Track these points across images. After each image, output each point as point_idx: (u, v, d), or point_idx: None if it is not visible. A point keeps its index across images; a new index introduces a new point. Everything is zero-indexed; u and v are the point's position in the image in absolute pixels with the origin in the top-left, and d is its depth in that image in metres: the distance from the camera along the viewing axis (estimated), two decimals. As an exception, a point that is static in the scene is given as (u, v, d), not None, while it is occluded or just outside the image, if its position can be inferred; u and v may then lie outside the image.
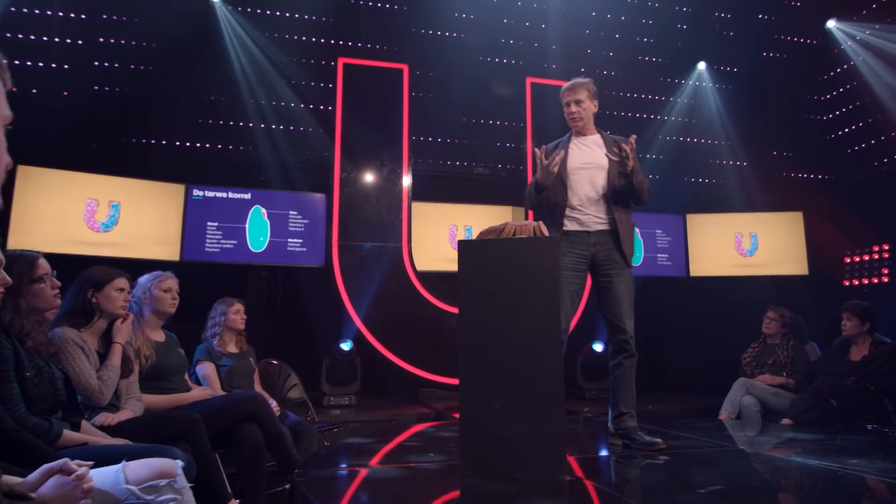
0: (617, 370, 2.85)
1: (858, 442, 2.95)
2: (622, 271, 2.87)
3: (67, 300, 2.51)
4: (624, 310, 2.84)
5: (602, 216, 2.92)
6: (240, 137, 5.96)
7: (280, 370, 4.15)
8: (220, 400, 2.92)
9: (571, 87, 3.03)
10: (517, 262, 2.34)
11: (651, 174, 6.85)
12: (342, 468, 2.48)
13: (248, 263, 5.69)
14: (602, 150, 3.00)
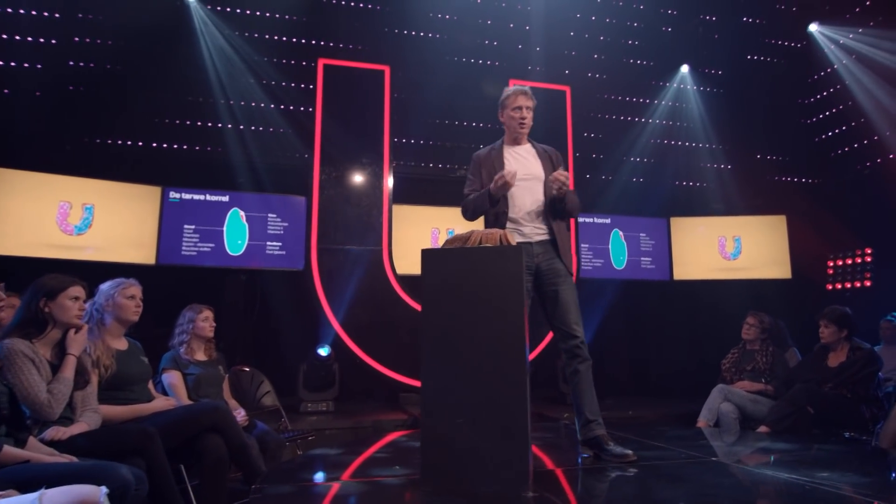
0: (574, 377, 2.79)
1: (833, 452, 2.91)
2: (566, 279, 2.87)
3: (19, 310, 2.43)
4: (572, 316, 2.82)
5: (542, 227, 2.93)
6: (218, 139, 5.87)
7: (252, 377, 4.08)
8: (182, 411, 2.84)
9: (527, 92, 3.03)
10: (481, 271, 2.29)
11: (634, 177, 6.84)
12: (302, 483, 2.41)
13: (225, 267, 5.61)
14: (537, 161, 3.01)
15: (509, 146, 3.07)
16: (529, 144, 3.09)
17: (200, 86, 5.77)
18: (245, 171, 5.92)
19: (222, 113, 5.84)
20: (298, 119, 5.99)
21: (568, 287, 2.86)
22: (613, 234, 6.60)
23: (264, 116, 5.97)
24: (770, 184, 6.97)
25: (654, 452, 2.87)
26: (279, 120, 6.02)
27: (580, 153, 6.62)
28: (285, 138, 6.02)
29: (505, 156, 3.02)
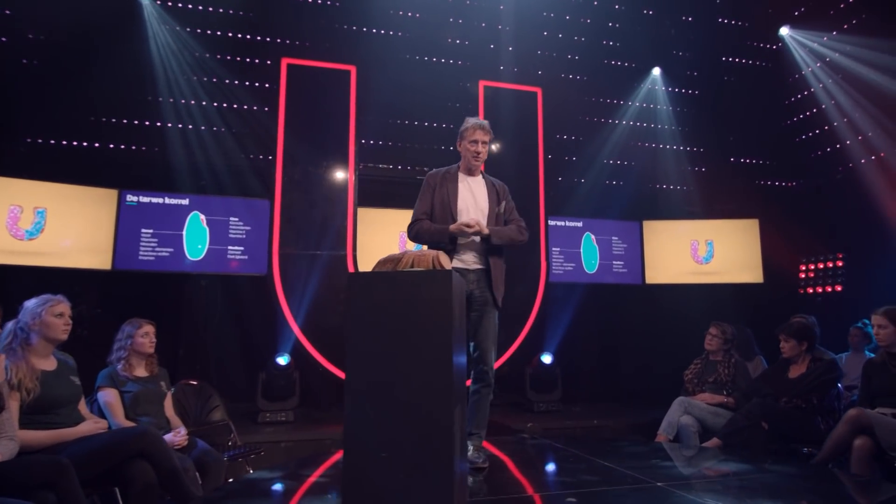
0: (474, 395, 3.06)
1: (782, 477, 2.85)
2: (492, 310, 3.08)
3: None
4: (488, 345, 3.04)
5: (479, 257, 3.10)
6: (177, 140, 5.70)
7: (200, 391, 3.96)
8: (108, 436, 2.73)
9: (485, 127, 3.15)
10: (409, 298, 2.18)
11: (607, 180, 6.75)
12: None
13: (185, 272, 5.48)
14: (485, 195, 3.17)
15: (464, 175, 3.21)
16: (481, 176, 3.24)
17: (155, 84, 5.59)
18: (206, 173, 5.77)
19: (181, 113, 5.68)
20: (260, 120, 5.83)
21: (491, 317, 3.07)
22: (585, 237, 6.51)
23: (224, 117, 5.81)
24: (743, 188, 6.91)
25: (599, 477, 2.79)
26: (240, 120, 5.86)
27: (552, 155, 6.52)
28: (247, 139, 5.86)
29: (459, 186, 3.16)
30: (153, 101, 5.66)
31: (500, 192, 3.23)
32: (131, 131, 5.61)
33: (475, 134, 3.13)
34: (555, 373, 5.67)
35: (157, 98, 5.68)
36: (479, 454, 3.03)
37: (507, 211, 3.23)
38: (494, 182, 3.25)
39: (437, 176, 3.20)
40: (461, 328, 2.40)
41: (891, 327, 3.48)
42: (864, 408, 3.51)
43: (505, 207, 3.22)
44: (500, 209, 3.19)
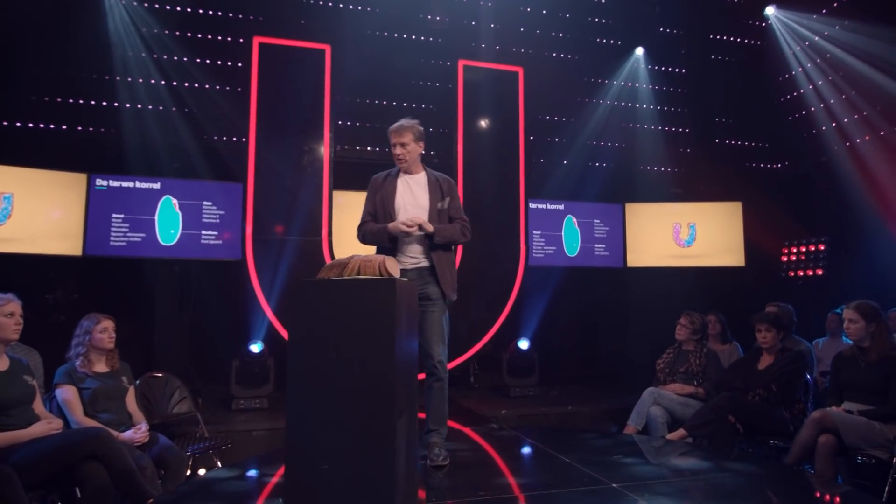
0: (428, 391, 3.07)
1: (742, 477, 2.84)
2: (436, 303, 3.06)
3: None
4: (434, 338, 3.03)
5: (420, 255, 3.08)
6: (148, 122, 5.56)
7: (166, 384, 3.93)
8: (59, 438, 2.70)
9: (398, 129, 3.13)
10: (351, 307, 2.12)
11: (590, 161, 6.64)
12: None
13: (157, 258, 5.40)
14: (425, 192, 3.14)
15: (404, 174, 3.19)
16: (424, 173, 3.20)
17: (124, 64, 5.43)
18: (179, 156, 5.65)
19: (150, 94, 5.52)
20: (232, 100, 5.68)
21: (436, 311, 3.05)
22: (567, 220, 6.44)
23: (195, 97, 5.65)
24: (727, 170, 6.81)
25: (556, 476, 2.79)
26: (211, 101, 5.71)
27: (533, 136, 6.40)
28: (219, 121, 5.72)
29: (398, 184, 3.15)
30: (122, 82, 5.50)
31: (443, 188, 3.18)
32: (98, 113, 5.46)
33: (391, 138, 3.15)
34: (532, 358, 5.66)
35: (126, 78, 5.52)
36: (439, 452, 3.03)
37: (453, 208, 3.18)
38: (439, 178, 3.22)
39: (379, 178, 3.23)
40: (409, 335, 2.35)
41: (861, 322, 3.45)
42: (832, 401, 3.51)
43: (450, 204, 3.17)
44: (443, 205, 3.14)
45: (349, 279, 2.18)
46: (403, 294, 2.22)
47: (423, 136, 3.20)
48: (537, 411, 4.95)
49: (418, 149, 3.16)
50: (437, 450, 3.03)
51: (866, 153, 5.73)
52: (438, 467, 2.95)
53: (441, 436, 3.08)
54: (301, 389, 2.13)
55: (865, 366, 3.42)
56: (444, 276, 3.07)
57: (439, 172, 3.26)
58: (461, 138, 5.98)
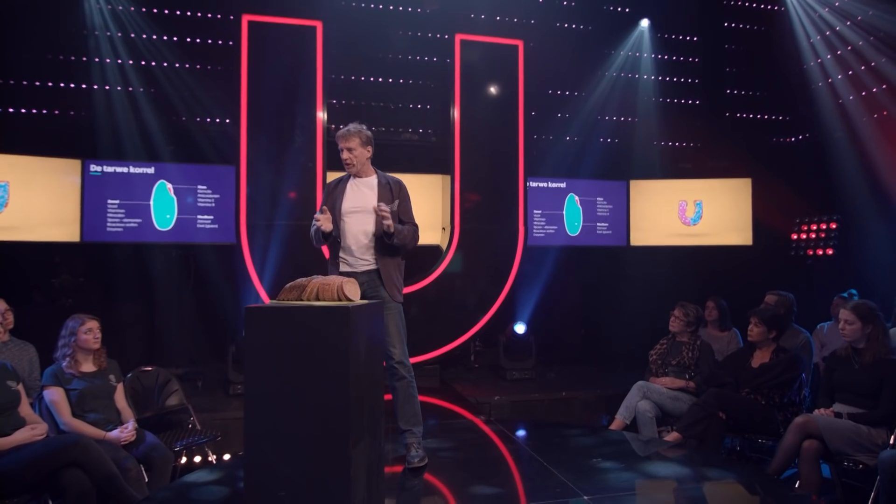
0: (393, 392, 3.13)
1: (721, 487, 2.81)
2: (388, 305, 3.10)
3: None
4: (391, 339, 3.09)
5: (368, 258, 3.13)
6: (139, 104, 5.49)
7: (157, 377, 4.00)
8: (40, 446, 2.77)
9: (344, 134, 3.14)
10: (304, 335, 2.09)
11: (593, 137, 6.43)
12: None
13: (154, 243, 5.43)
14: (373, 194, 3.15)
15: (354, 177, 3.22)
16: (374, 176, 3.23)
17: (114, 46, 5.33)
18: (171, 139, 5.60)
19: (139, 76, 5.44)
20: (222, 81, 5.57)
21: (390, 313, 3.10)
22: (569, 198, 6.29)
23: (184, 78, 5.55)
24: (738, 145, 6.53)
25: (530, 484, 2.79)
26: (201, 82, 5.60)
27: (534, 111, 6.19)
28: (210, 103, 5.63)
29: (347, 187, 3.20)
30: (112, 64, 5.41)
31: (393, 191, 3.20)
32: (89, 97, 5.39)
33: (339, 143, 3.14)
34: (529, 341, 5.64)
35: (115, 60, 5.43)
36: (415, 453, 3.06)
37: (403, 211, 3.19)
38: (389, 180, 3.24)
39: (332, 183, 3.29)
40: (371, 358, 2.31)
41: (858, 323, 3.33)
42: (823, 401, 3.44)
43: (399, 206, 3.17)
44: (393, 206, 3.10)
45: (303, 306, 2.14)
46: (361, 320, 2.19)
47: (371, 141, 3.21)
48: (531, 398, 4.96)
49: (366, 153, 3.18)
50: (413, 451, 3.08)
51: (885, 128, 5.43)
52: (416, 469, 2.98)
53: (416, 436, 3.12)
54: (257, 414, 2.13)
55: (859, 367, 3.32)
56: (390, 280, 3.12)
57: (391, 175, 3.29)
58: (458, 115, 5.81)
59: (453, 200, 5.79)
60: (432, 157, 5.93)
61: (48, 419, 3.18)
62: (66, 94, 5.38)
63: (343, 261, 3.13)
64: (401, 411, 3.11)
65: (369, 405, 2.27)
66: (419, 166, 5.92)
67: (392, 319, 3.10)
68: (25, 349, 3.77)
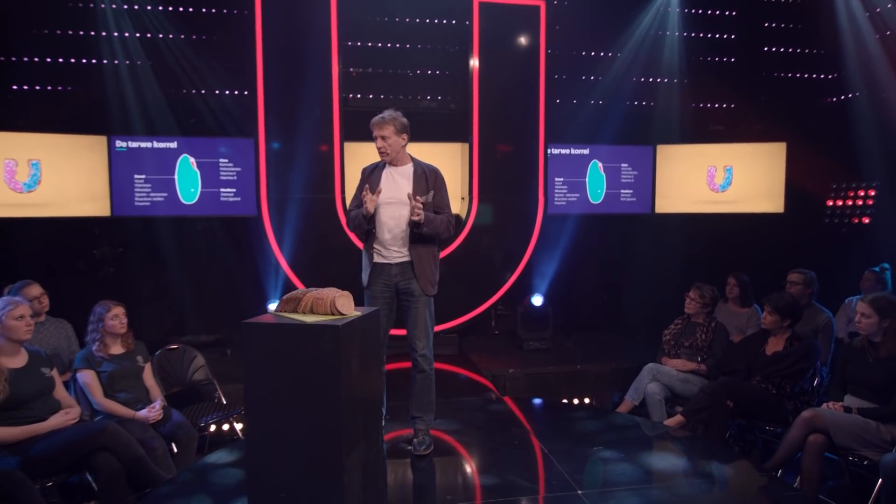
0: (412, 381, 3.21)
1: (716, 484, 2.85)
2: (419, 299, 3.13)
3: None
4: (418, 332, 3.14)
5: (403, 250, 3.12)
6: (157, 78, 5.52)
7: (183, 354, 4.22)
8: (71, 433, 2.99)
9: (379, 122, 3.08)
10: (296, 351, 2.18)
11: (620, 100, 6.19)
12: None
13: (181, 216, 5.59)
14: (408, 184, 3.12)
15: (390, 166, 3.17)
16: (410, 164, 3.18)
17: (129, 18, 5.33)
18: (191, 113, 5.65)
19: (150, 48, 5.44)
20: (238, 52, 5.53)
21: (419, 306, 3.13)
22: (592, 165, 6.13)
23: (197, 49, 5.53)
24: (774, 106, 6.17)
25: (527, 474, 2.88)
26: (215, 53, 5.57)
27: (557, 75, 5.97)
28: (227, 74, 5.61)
29: (383, 176, 3.16)
30: (130, 38, 5.42)
31: (429, 180, 3.16)
32: (111, 73, 5.44)
33: (373, 131, 3.09)
34: (546, 312, 5.67)
35: (134, 34, 5.43)
36: (422, 440, 3.18)
37: (438, 200, 3.18)
38: (425, 169, 3.19)
39: (367, 169, 3.26)
40: (366, 369, 2.39)
41: (875, 317, 3.23)
42: (835, 394, 3.39)
43: (435, 196, 3.15)
44: (427, 197, 3.10)
45: (294, 324, 2.21)
46: (353, 335, 2.25)
47: (406, 129, 3.13)
48: (545, 370, 5.03)
49: (401, 141, 3.11)
50: (420, 437, 3.19)
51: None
52: (421, 456, 3.12)
53: (425, 423, 3.23)
54: (257, 421, 2.26)
55: (874, 361, 3.25)
56: (423, 273, 3.11)
57: (427, 163, 3.23)
58: (477, 81, 5.66)
59: (471, 169, 5.73)
60: (451, 124, 5.83)
61: (82, 399, 3.43)
62: (87, 70, 5.44)
63: (377, 252, 3.13)
64: (415, 400, 3.19)
65: (364, 412, 2.37)
66: (438, 134, 5.84)
67: (420, 313, 3.12)
68: (62, 327, 4.03)
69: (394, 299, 3.18)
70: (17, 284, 3.76)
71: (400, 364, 3.50)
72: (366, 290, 3.20)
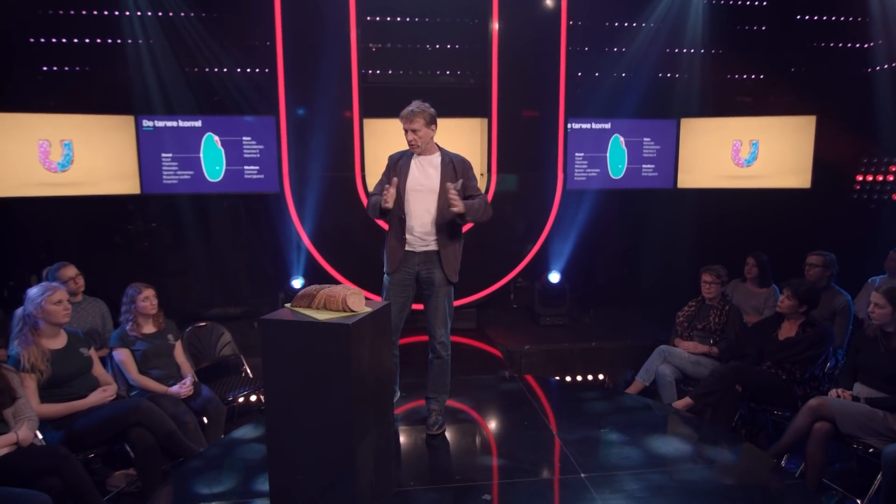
0: (430, 365, 3.35)
1: (715, 471, 2.93)
2: (440, 288, 3.24)
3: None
4: (437, 321, 3.26)
5: (429, 239, 3.20)
6: (180, 57, 5.59)
7: (211, 331, 4.43)
8: (109, 410, 3.22)
9: (408, 115, 3.15)
10: (309, 347, 2.31)
11: (644, 72, 6.04)
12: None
13: (207, 193, 5.75)
14: (437, 173, 3.19)
15: (418, 155, 3.24)
16: (438, 154, 3.25)
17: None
18: (217, 90, 5.74)
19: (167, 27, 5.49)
20: (257, 30, 5.56)
21: (440, 296, 3.25)
22: (613, 140, 6.06)
23: (217, 28, 5.57)
24: (804, 78, 5.95)
25: (533, 457, 3.02)
26: (235, 32, 5.61)
27: (578, 47, 5.85)
28: (248, 52, 5.66)
29: (411, 165, 3.23)
30: (148, 18, 5.48)
31: (457, 170, 3.24)
32: (129, 52, 5.51)
33: (403, 124, 3.16)
34: (563, 288, 5.73)
35: (157, 13, 5.49)
36: (435, 420, 3.33)
37: (470, 188, 3.25)
38: (453, 159, 3.26)
39: (396, 156, 3.32)
40: (377, 362, 2.51)
41: (888, 308, 3.22)
42: (845, 381, 3.41)
43: (465, 185, 3.24)
44: (457, 186, 3.16)
45: (308, 321, 2.33)
46: (363, 333, 2.36)
47: (434, 120, 3.20)
48: (560, 347, 5.13)
49: (430, 133, 3.19)
50: (434, 417, 3.33)
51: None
52: (433, 436, 3.28)
53: (439, 403, 3.37)
54: (276, 410, 2.42)
55: (885, 351, 3.26)
56: (448, 261, 3.22)
57: (455, 153, 3.29)
58: (496, 55, 5.59)
59: (490, 145, 5.73)
60: (471, 99, 5.80)
61: (118, 376, 3.67)
62: (112, 50, 5.53)
63: (406, 239, 3.21)
64: (432, 382, 3.35)
65: (375, 402, 2.51)
66: (457, 110, 5.82)
67: (440, 303, 3.23)
68: (97, 305, 4.26)
69: (414, 287, 3.29)
70: (54, 267, 3.97)
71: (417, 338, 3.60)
72: (388, 276, 3.28)
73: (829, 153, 5.73)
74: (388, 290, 3.27)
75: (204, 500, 2.70)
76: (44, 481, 2.69)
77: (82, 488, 2.81)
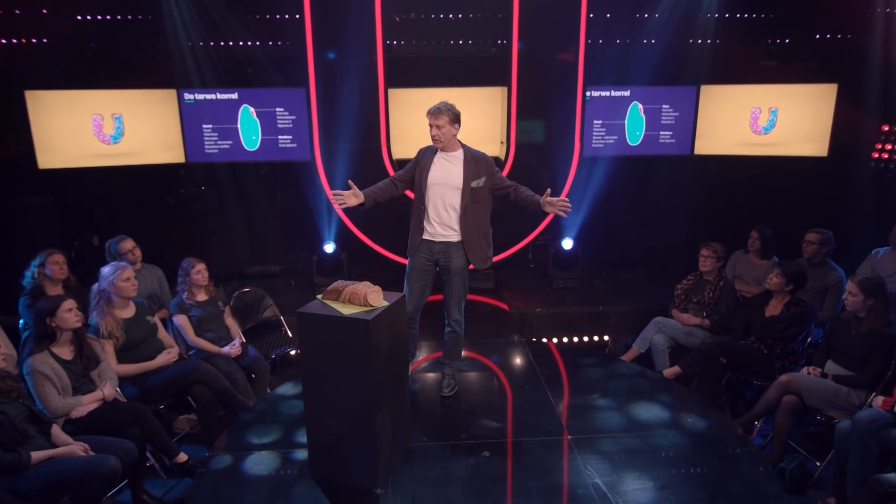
0: (445, 337, 3.78)
1: (688, 437, 3.35)
2: (457, 275, 3.57)
3: (33, 329, 3.34)
4: (453, 303, 3.64)
5: (448, 231, 3.52)
6: (219, 30, 5.90)
7: (255, 296, 5.00)
8: (173, 370, 3.83)
9: (434, 112, 3.37)
10: (333, 339, 2.78)
11: (664, 39, 6.07)
12: (239, 455, 3.31)
13: (245, 162, 6.20)
14: (458, 170, 3.44)
15: (442, 151, 3.49)
16: (461, 151, 3.50)
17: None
18: (250, 62, 6.06)
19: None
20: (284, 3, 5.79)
21: (456, 281, 3.60)
22: (632, 107, 6.18)
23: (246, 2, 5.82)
24: (828, 43, 5.87)
25: (529, 419, 3.51)
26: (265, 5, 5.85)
27: (595, 14, 5.89)
28: (277, 25, 5.91)
29: (434, 160, 3.51)
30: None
31: (479, 167, 3.49)
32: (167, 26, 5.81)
33: (428, 120, 3.38)
34: (576, 253, 6.07)
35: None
36: (448, 383, 3.82)
37: (496, 183, 3.53)
38: (476, 156, 3.50)
39: (423, 150, 3.58)
40: (394, 349, 2.98)
41: (860, 296, 3.51)
42: (819, 358, 3.75)
43: (488, 182, 3.49)
44: (478, 183, 3.45)
45: (334, 317, 2.79)
46: (381, 325, 2.82)
47: (458, 118, 3.44)
48: (569, 310, 5.54)
49: (453, 130, 3.43)
50: (447, 381, 3.82)
51: None
52: (445, 397, 3.79)
53: (453, 368, 3.85)
54: (312, 387, 2.94)
55: (856, 334, 3.57)
56: (474, 250, 3.55)
57: (477, 150, 3.53)
58: (516, 29, 5.71)
59: (509, 113, 5.95)
60: (492, 68, 5.98)
61: (178, 338, 4.28)
62: (150, 25, 5.85)
63: (425, 229, 3.54)
64: (447, 351, 3.81)
65: (392, 379, 3.00)
66: (479, 78, 6.02)
67: (456, 287, 3.59)
68: (154, 272, 4.84)
69: (433, 271, 3.66)
70: (114, 240, 4.51)
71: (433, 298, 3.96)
72: (409, 259, 3.68)
73: (849, 121, 5.76)
74: (410, 274, 3.68)
75: (255, 450, 3.31)
76: (127, 431, 3.32)
77: (158, 436, 3.46)
